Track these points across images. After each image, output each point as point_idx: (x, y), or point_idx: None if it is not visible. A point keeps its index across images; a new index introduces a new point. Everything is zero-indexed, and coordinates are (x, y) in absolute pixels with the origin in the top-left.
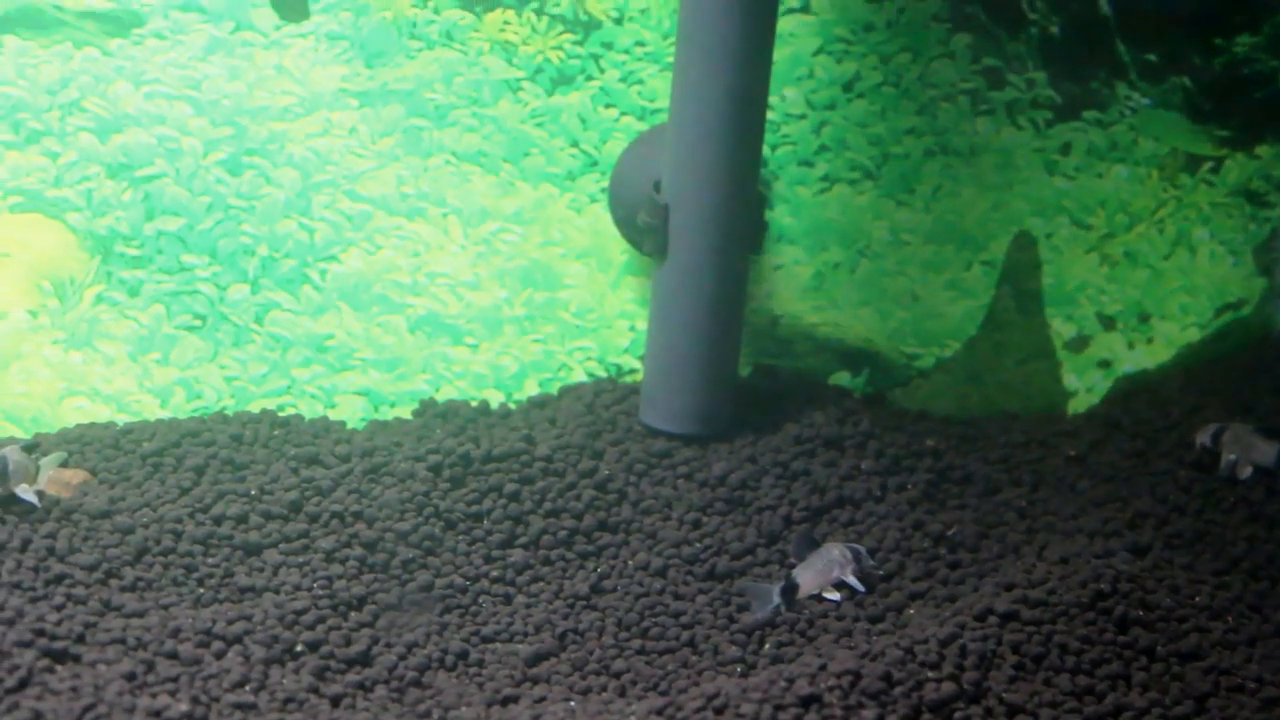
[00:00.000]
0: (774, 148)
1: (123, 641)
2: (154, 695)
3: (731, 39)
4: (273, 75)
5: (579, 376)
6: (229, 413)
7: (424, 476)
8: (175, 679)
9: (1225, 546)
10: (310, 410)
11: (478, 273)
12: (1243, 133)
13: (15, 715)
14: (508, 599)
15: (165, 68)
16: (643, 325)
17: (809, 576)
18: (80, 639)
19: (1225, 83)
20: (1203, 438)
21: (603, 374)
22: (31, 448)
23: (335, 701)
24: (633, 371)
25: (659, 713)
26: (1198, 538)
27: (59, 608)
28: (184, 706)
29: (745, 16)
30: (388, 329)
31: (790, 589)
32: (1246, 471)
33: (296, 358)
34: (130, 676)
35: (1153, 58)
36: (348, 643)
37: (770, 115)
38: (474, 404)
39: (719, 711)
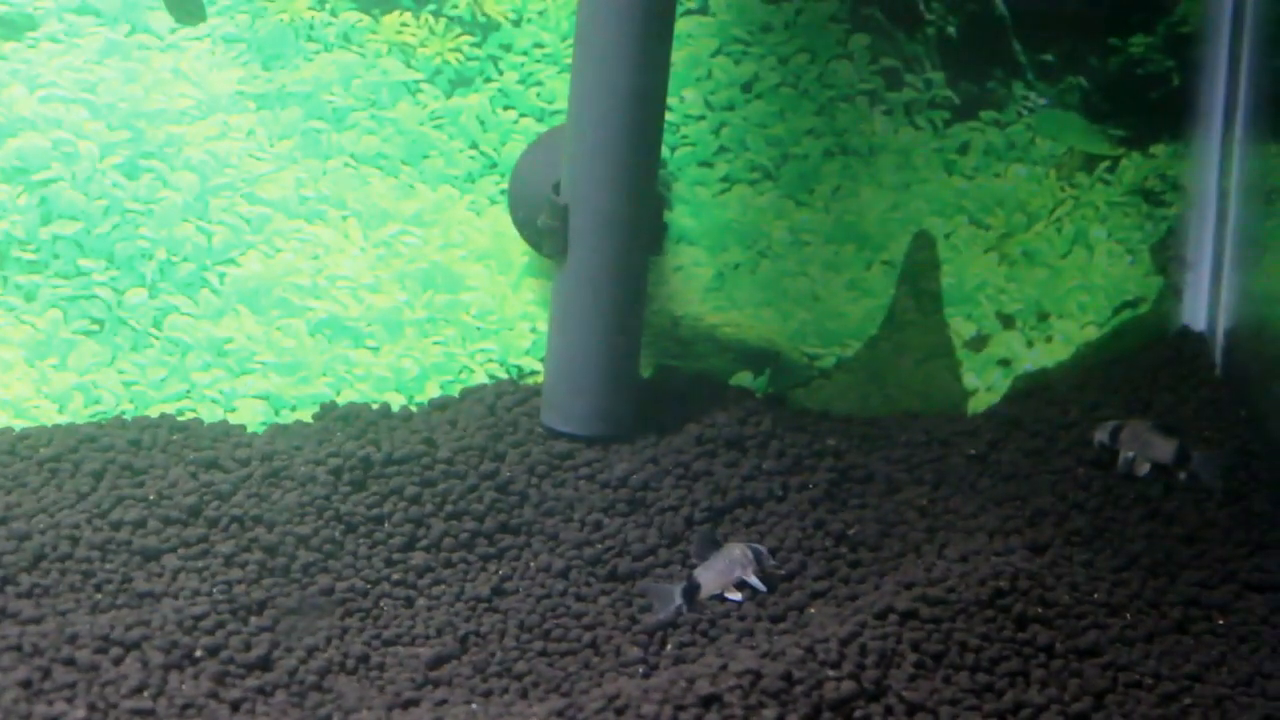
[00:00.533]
0: (673, 149)
1: (19, 648)
2: (50, 702)
3: (629, 40)
4: (169, 78)
5: (480, 378)
6: (128, 417)
7: (324, 480)
8: (72, 685)
9: (1124, 543)
10: (210, 414)
11: (378, 275)
12: (1139, 132)
13: None
14: (409, 602)
15: (60, 71)
16: (544, 327)
17: (710, 577)
18: None
19: (1121, 83)
20: (1101, 435)
21: (504, 376)
22: None
23: (235, 706)
24: (534, 373)
25: (560, 714)
26: (1096, 534)
27: None
28: (81, 713)
29: (642, 18)
30: (288, 332)
31: (692, 589)
32: (1144, 468)
33: (196, 362)
34: (26, 684)
35: (1049, 58)
36: (247, 647)
37: (669, 116)
38: (375, 407)
39: (620, 712)
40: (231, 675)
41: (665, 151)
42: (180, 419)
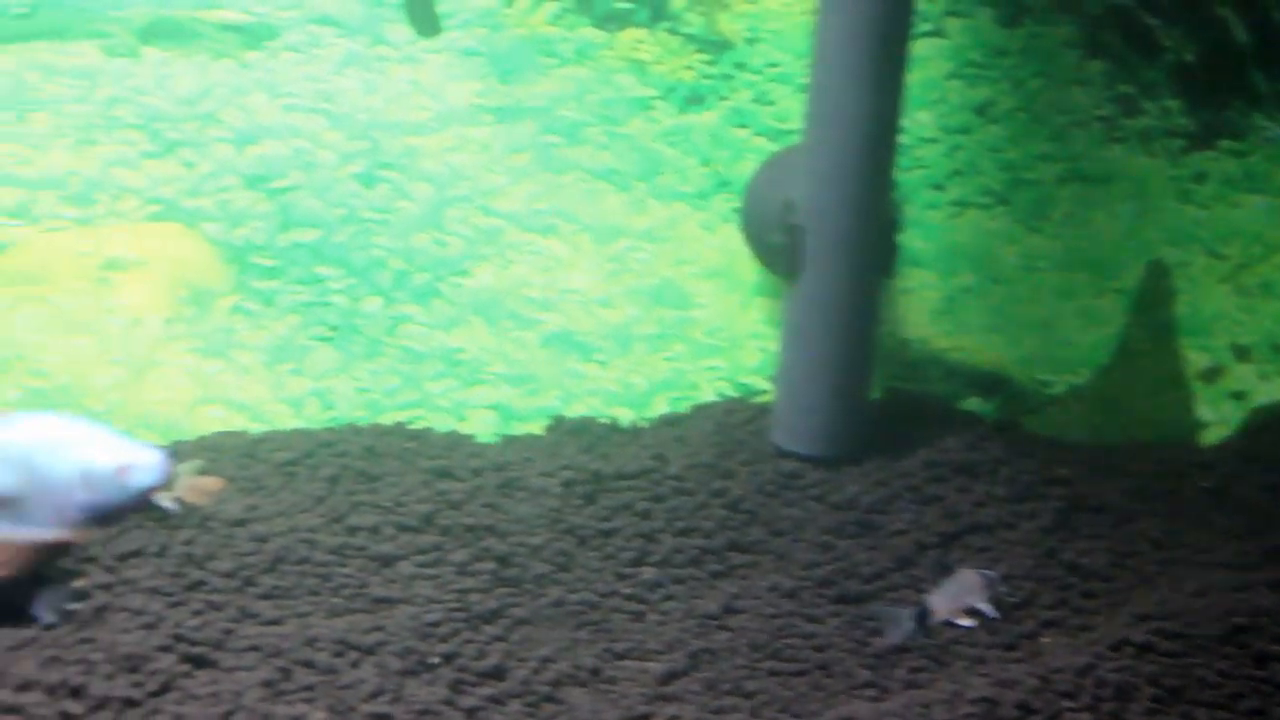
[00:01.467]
0: (906, 171)
1: (260, 649)
2: (291, 703)
3: (866, 62)
4: (408, 90)
5: (709, 395)
6: (361, 424)
7: (556, 492)
8: (312, 688)
9: None
10: (441, 424)
11: (609, 290)
12: None
13: (156, 719)
14: (639, 616)
15: (301, 80)
16: (773, 345)
17: (942, 601)
18: (219, 645)
19: None
20: None
21: (733, 393)
22: (170, 455)
23: (470, 714)
24: (762, 391)
25: None
26: None
27: (197, 613)
28: (321, 715)
29: (879, 39)
30: (519, 344)
31: (923, 614)
32: None
33: (428, 371)
34: (268, 684)
35: None
36: (482, 655)
37: (903, 138)
38: (604, 421)
39: None
40: (466, 683)
41: (898, 174)
42: (412, 427)
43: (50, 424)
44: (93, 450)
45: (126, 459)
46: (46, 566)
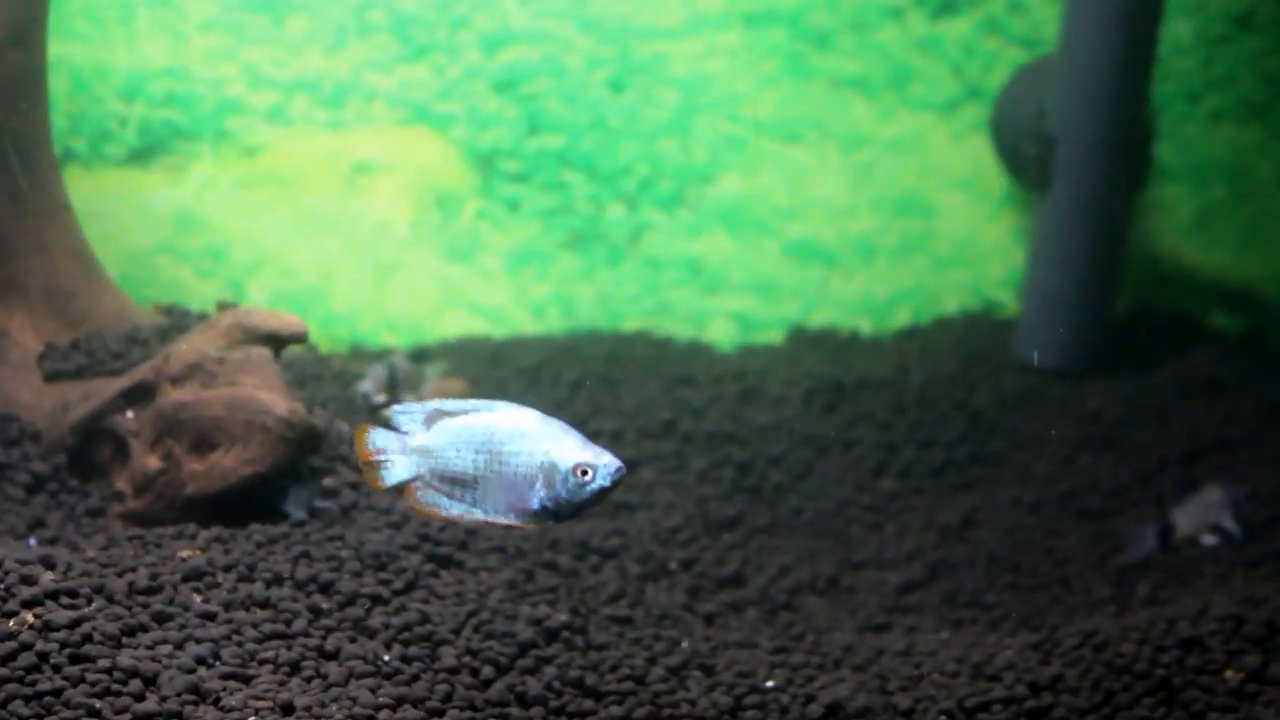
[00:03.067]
0: (1161, 81)
1: (503, 550)
2: (534, 604)
3: None
4: None
5: (951, 308)
6: (603, 331)
7: (796, 402)
8: (554, 589)
9: None
10: (682, 332)
11: (854, 200)
12: None
13: (403, 616)
14: (878, 527)
15: None
16: (1018, 259)
17: (1185, 519)
18: (463, 546)
19: None
20: None
21: (976, 306)
22: (417, 357)
23: (708, 620)
24: (1006, 305)
25: (1036, 647)
26: None
27: None
28: (564, 616)
29: None
30: (761, 253)
31: (1166, 531)
32: None
33: (670, 279)
34: (512, 584)
35: None
36: (720, 563)
37: (1159, 48)
38: (844, 332)
39: (1098, 649)
40: (704, 589)
41: (1153, 84)
42: (653, 335)
43: (521, 417)
44: (556, 448)
45: (587, 460)
46: (299, 464)
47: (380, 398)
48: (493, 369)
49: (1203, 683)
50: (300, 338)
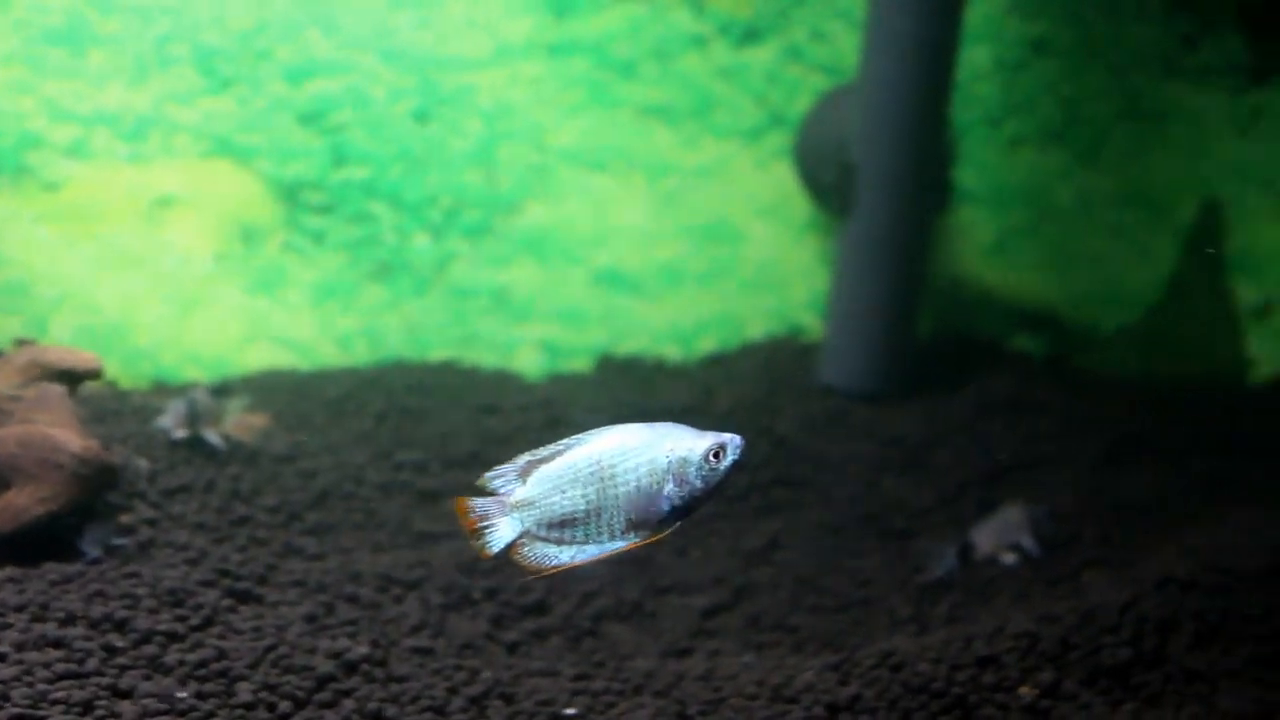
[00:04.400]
0: (962, 107)
1: (304, 584)
2: (334, 637)
3: None
4: (462, 26)
5: (757, 333)
6: (409, 361)
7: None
8: (355, 622)
9: None
10: (489, 361)
11: (659, 227)
12: None
13: (199, 652)
14: (682, 552)
15: (355, 17)
16: (822, 283)
17: (985, 538)
18: (263, 580)
19: None
20: None
21: (781, 331)
22: (219, 391)
23: (512, 648)
24: (811, 329)
25: (835, 668)
26: None
27: (242, 549)
28: (364, 649)
29: None
30: (568, 281)
31: (966, 550)
32: None
33: (476, 307)
34: (311, 618)
35: None
36: (524, 591)
37: (958, 74)
38: (651, 358)
39: (895, 669)
40: (508, 618)
41: (953, 110)
42: (460, 364)
43: (619, 436)
44: (679, 444)
45: (717, 443)
46: (94, 501)
47: (181, 433)
48: (297, 402)
49: (998, 700)
50: (95, 374)
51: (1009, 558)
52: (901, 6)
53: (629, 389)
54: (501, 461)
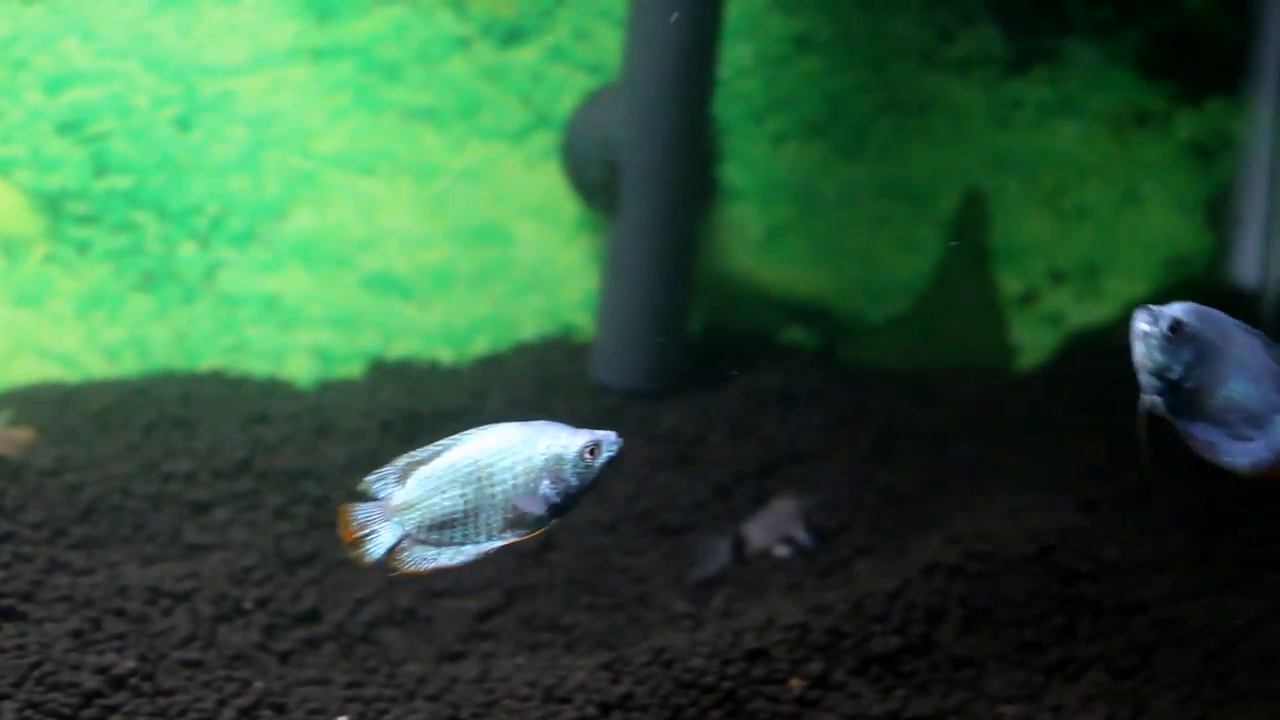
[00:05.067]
0: (725, 103)
1: (70, 599)
2: (101, 653)
3: None
4: (223, 32)
5: (529, 334)
6: (178, 371)
7: (373, 434)
8: (122, 636)
9: (1173, 500)
10: (260, 369)
11: (428, 230)
12: (1192, 88)
13: None
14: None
15: (114, 24)
16: (594, 282)
17: (758, 531)
18: (27, 597)
19: (1175, 38)
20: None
21: (553, 331)
22: None
23: (284, 658)
24: (583, 329)
25: (607, 666)
26: (1146, 491)
27: (5, 565)
28: (131, 663)
29: None
30: (338, 286)
31: (739, 544)
32: None
33: (246, 316)
34: (77, 634)
35: (1103, 13)
36: (296, 599)
37: (721, 71)
38: (424, 362)
39: (667, 665)
40: (280, 627)
41: (717, 106)
42: (230, 373)
43: (498, 434)
44: (555, 442)
45: (592, 440)
46: None
47: None
48: (63, 415)
49: (768, 692)
50: None
51: (782, 550)
52: (658, 6)
53: (401, 393)
54: (273, 471)
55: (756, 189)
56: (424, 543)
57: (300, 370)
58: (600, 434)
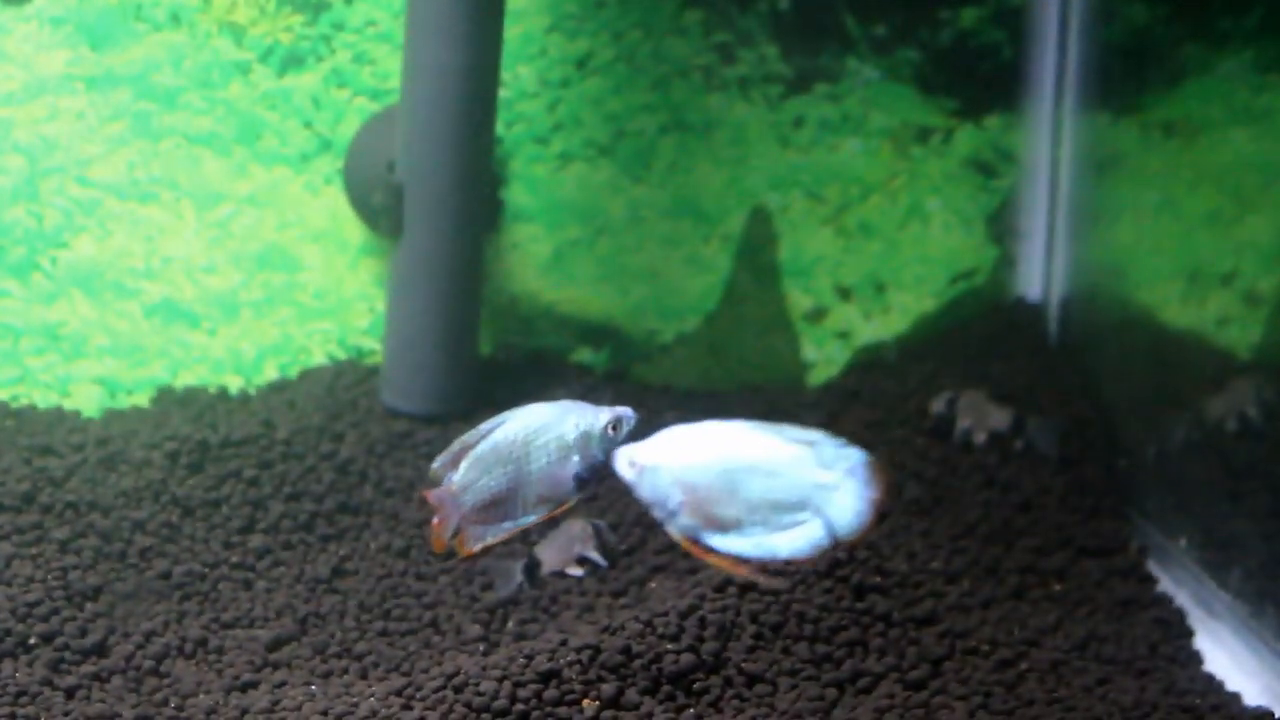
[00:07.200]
0: (509, 125)
1: None
2: None
3: (459, 17)
4: None
5: (319, 359)
6: None
7: (161, 464)
8: None
9: (961, 512)
10: (44, 400)
11: (212, 257)
12: (971, 104)
13: None
14: (248, 584)
15: None
16: (382, 306)
17: (551, 553)
18: None
19: (953, 55)
20: (939, 405)
21: (343, 356)
22: None
23: (70, 693)
24: (373, 353)
25: (399, 693)
26: (934, 504)
27: None
28: None
29: None
30: (122, 315)
31: (533, 566)
32: (981, 437)
33: (29, 346)
34: None
35: (881, 31)
36: (83, 634)
37: (503, 93)
38: (212, 390)
39: (458, 690)
40: (66, 662)
41: (500, 129)
42: (13, 405)
43: (533, 414)
44: (582, 419)
45: (614, 416)
46: None
47: None
48: None
49: (561, 714)
50: None
51: (575, 570)
52: (435, 30)
53: (189, 422)
54: (58, 503)
55: (543, 210)
56: (476, 523)
57: (86, 401)
58: (620, 410)
